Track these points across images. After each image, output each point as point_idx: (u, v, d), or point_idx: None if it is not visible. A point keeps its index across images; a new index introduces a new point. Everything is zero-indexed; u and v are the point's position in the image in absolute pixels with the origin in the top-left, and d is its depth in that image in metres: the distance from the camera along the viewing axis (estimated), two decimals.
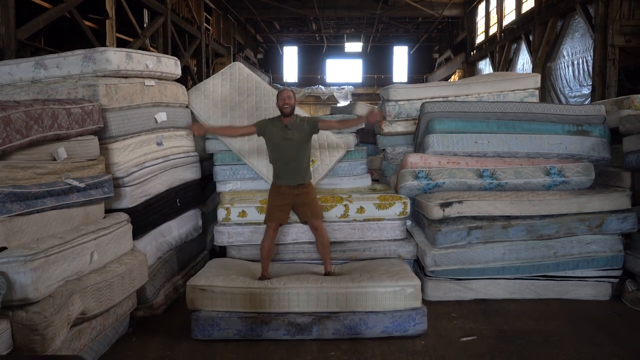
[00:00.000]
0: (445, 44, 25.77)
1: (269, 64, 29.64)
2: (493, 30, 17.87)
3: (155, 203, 4.18)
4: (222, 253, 4.71)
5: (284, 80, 30.41)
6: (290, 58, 31.85)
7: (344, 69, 31.55)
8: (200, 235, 5.04)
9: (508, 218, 4.28)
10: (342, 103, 22.11)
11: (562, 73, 11.87)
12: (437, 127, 4.65)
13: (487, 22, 18.73)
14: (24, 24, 6.90)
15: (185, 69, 13.29)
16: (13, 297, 2.60)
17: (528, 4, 14.36)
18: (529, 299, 4.36)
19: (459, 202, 4.22)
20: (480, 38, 19.73)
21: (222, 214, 4.33)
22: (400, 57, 31.75)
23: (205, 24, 15.95)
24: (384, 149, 5.74)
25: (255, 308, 3.57)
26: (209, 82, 5.34)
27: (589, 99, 10.08)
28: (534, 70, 12.69)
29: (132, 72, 4.01)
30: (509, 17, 16.23)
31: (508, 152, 4.59)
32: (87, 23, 8.86)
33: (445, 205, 4.21)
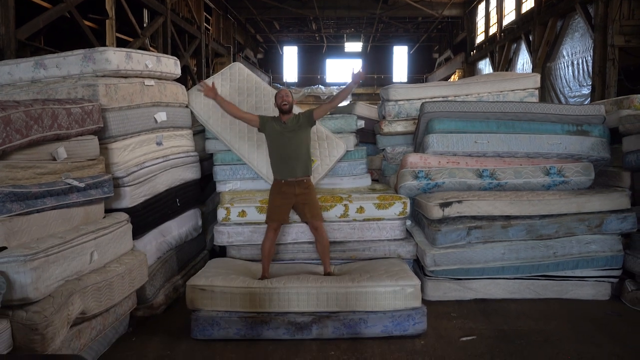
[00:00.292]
0: (445, 44, 25.78)
1: (269, 64, 29.63)
2: (493, 30, 17.87)
3: (155, 203, 4.19)
4: (222, 253, 4.71)
5: (284, 80, 30.41)
6: (290, 58, 31.86)
7: (344, 69, 31.54)
8: (200, 235, 5.04)
9: (508, 218, 4.28)
10: (342, 103, 22.08)
11: (561, 73, 11.87)
12: (436, 127, 4.66)
13: (487, 22, 18.73)
14: (24, 24, 6.91)
15: (185, 69, 13.29)
16: (13, 296, 2.60)
17: (528, 4, 14.36)
18: (529, 299, 4.36)
19: (459, 202, 4.23)
20: (480, 38, 19.74)
21: (222, 214, 4.33)
22: (400, 57, 31.76)
23: (205, 24, 15.95)
24: (384, 149, 5.74)
25: (255, 308, 3.57)
26: (209, 82, 5.32)
27: (589, 99, 10.08)
28: (534, 70, 12.69)
29: (131, 72, 4.01)
30: (509, 17, 16.24)
31: (508, 152, 4.60)
32: (86, 23, 8.87)
33: (445, 205, 4.21)
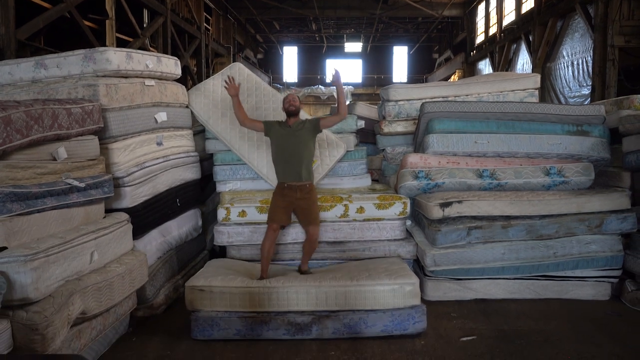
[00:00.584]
0: (445, 44, 25.78)
1: (269, 64, 29.64)
2: (493, 31, 17.88)
3: (155, 203, 4.19)
4: (221, 253, 4.71)
5: (284, 80, 30.42)
6: (290, 58, 31.87)
7: (344, 69, 31.56)
8: (200, 235, 5.05)
9: (508, 218, 4.28)
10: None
11: (561, 73, 11.87)
12: (436, 127, 4.66)
13: (486, 22, 18.74)
14: (24, 24, 6.91)
15: (185, 69, 13.29)
16: (13, 296, 2.60)
17: (528, 4, 14.36)
18: (529, 299, 4.36)
19: (459, 202, 4.23)
20: (480, 38, 19.74)
21: (222, 214, 4.33)
22: (400, 57, 31.77)
23: (205, 24, 15.96)
24: (384, 149, 5.75)
25: (255, 308, 3.57)
26: (209, 82, 5.34)
27: (589, 99, 10.08)
28: (534, 71, 12.69)
29: (132, 72, 4.01)
30: (509, 17, 16.24)
31: (508, 152, 4.60)
32: (87, 23, 8.87)
33: (445, 205, 4.21)
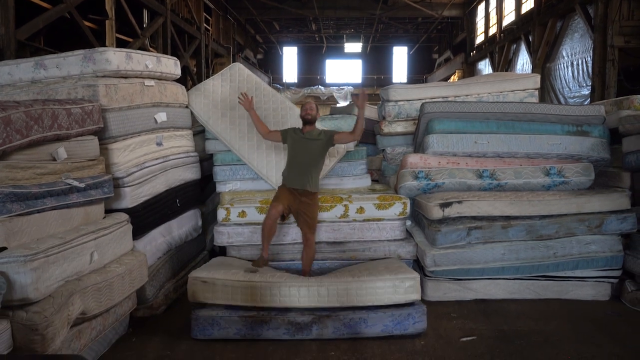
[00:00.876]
0: (445, 45, 25.79)
1: (269, 65, 29.65)
2: (493, 31, 17.89)
3: (155, 203, 4.19)
4: (221, 253, 4.70)
5: (284, 81, 30.43)
6: (290, 58, 31.87)
7: (344, 70, 31.57)
8: (200, 236, 5.04)
9: (508, 218, 4.28)
10: (341, 103, 22.13)
11: (561, 74, 11.87)
12: (436, 127, 4.66)
13: (486, 22, 18.75)
14: (24, 24, 6.91)
15: (185, 69, 13.29)
16: (13, 297, 2.60)
17: (528, 5, 14.37)
18: (529, 299, 4.36)
19: (459, 202, 4.23)
20: (480, 38, 19.75)
21: (221, 214, 4.33)
22: (400, 57, 31.78)
23: (205, 25, 15.96)
24: (384, 149, 5.75)
25: (256, 302, 3.58)
26: (209, 82, 5.34)
27: (589, 100, 10.08)
28: (534, 71, 12.70)
29: (131, 72, 4.01)
30: (509, 17, 16.25)
31: (508, 152, 4.60)
32: (86, 23, 8.87)
33: (445, 206, 4.21)
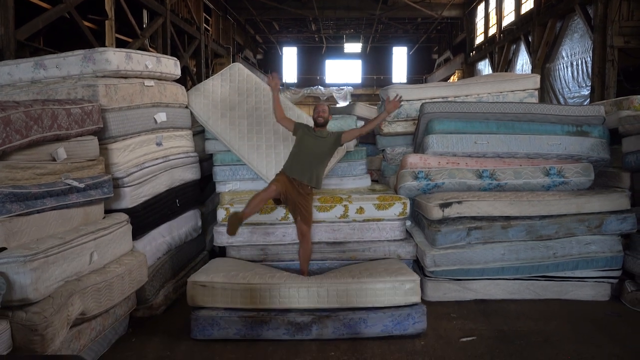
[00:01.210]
0: (445, 45, 25.78)
1: (269, 65, 29.62)
2: (492, 31, 17.88)
3: (155, 203, 4.18)
4: (221, 253, 4.70)
5: (284, 81, 30.41)
6: (290, 59, 31.86)
7: (343, 70, 31.56)
8: (200, 236, 5.04)
9: (507, 218, 4.28)
10: (341, 104, 22.12)
11: (561, 74, 11.87)
12: (436, 127, 4.66)
13: (486, 22, 18.74)
14: (24, 25, 6.91)
15: (185, 70, 13.29)
16: (13, 297, 2.60)
17: (527, 5, 14.37)
18: (529, 300, 4.36)
19: (459, 202, 4.23)
20: (480, 39, 19.75)
21: (221, 215, 4.33)
22: (400, 57, 31.77)
23: (205, 25, 15.96)
24: (384, 150, 5.74)
25: (256, 304, 3.58)
26: (209, 82, 5.34)
27: (588, 100, 10.08)
28: (533, 71, 12.70)
29: (131, 72, 4.01)
30: (508, 17, 16.25)
31: (507, 152, 4.60)
32: (86, 23, 8.86)
33: (445, 206, 4.21)
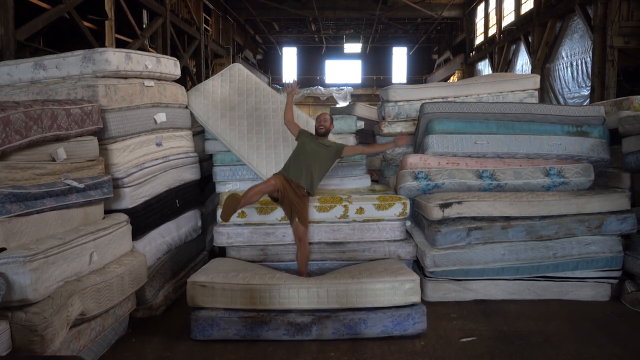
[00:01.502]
0: (445, 45, 25.78)
1: (268, 65, 29.63)
2: (492, 31, 17.88)
3: (155, 204, 4.18)
4: (221, 254, 4.70)
5: (283, 81, 30.39)
6: (290, 59, 31.85)
7: (343, 70, 31.55)
8: (200, 236, 5.04)
9: (508, 219, 4.28)
10: (341, 104, 22.11)
11: (561, 74, 11.87)
12: (436, 127, 4.66)
13: (486, 23, 18.74)
14: (23, 25, 6.90)
15: (185, 70, 13.29)
16: (12, 297, 2.60)
17: (527, 5, 14.37)
18: (529, 300, 4.36)
19: (459, 202, 4.22)
20: (480, 39, 19.74)
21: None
22: (400, 58, 31.75)
23: (205, 25, 15.95)
24: None
25: (255, 305, 3.58)
26: (209, 83, 5.34)
27: (588, 100, 10.08)
28: (533, 71, 12.70)
29: (131, 72, 4.01)
30: (508, 18, 16.25)
31: (507, 152, 4.60)
32: (86, 24, 8.86)
33: (445, 206, 4.21)
